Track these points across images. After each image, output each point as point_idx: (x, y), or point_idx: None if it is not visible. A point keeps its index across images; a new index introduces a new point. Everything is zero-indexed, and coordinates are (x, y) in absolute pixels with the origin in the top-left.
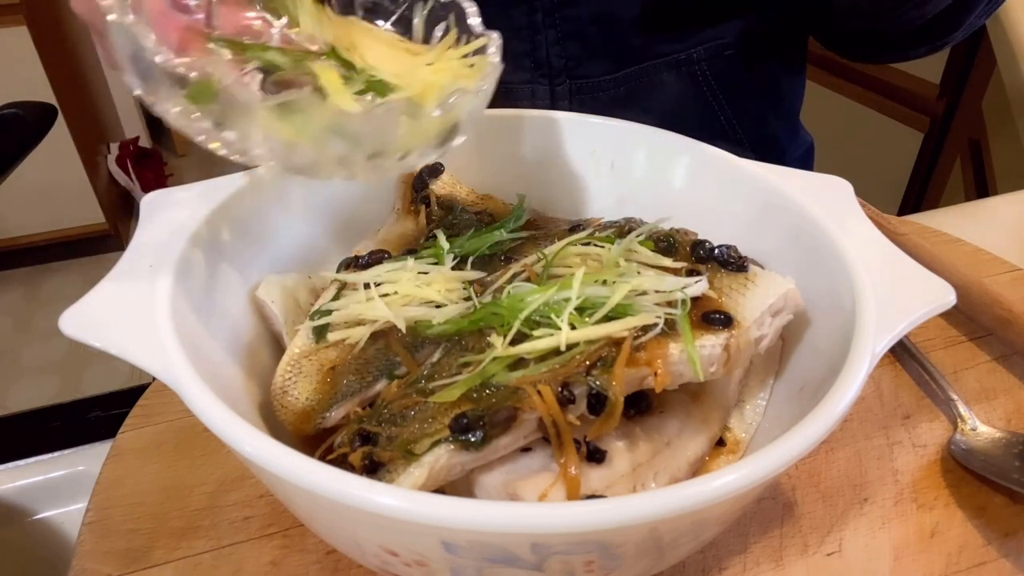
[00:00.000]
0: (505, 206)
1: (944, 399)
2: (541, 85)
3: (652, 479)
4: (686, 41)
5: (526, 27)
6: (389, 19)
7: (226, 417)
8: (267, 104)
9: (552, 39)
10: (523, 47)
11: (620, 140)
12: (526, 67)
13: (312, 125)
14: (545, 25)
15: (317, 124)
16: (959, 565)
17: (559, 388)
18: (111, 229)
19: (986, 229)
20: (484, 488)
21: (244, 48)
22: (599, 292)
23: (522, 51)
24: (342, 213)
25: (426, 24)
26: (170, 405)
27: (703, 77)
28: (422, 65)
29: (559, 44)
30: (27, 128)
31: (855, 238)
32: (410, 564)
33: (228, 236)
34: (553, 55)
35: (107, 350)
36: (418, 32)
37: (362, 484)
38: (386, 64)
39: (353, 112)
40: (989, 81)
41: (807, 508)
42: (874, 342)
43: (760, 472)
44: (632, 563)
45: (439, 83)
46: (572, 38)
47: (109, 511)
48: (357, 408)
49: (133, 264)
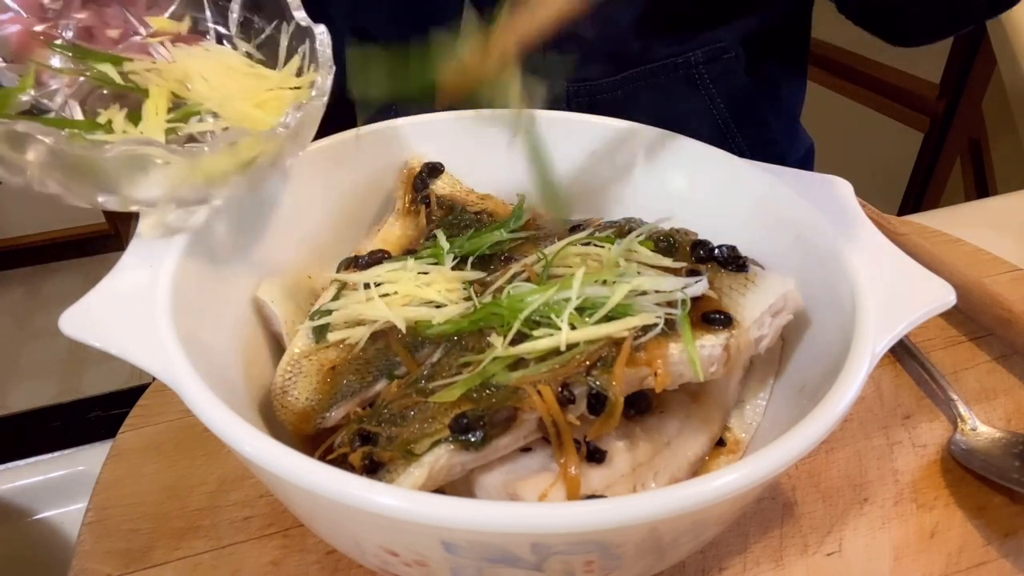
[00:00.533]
0: (505, 206)
1: (944, 399)
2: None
3: (652, 479)
4: (685, 44)
5: None
6: (259, 37)
7: (226, 417)
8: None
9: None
10: None
11: (620, 140)
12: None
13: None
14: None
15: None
16: (959, 565)
17: (559, 388)
18: (111, 229)
19: (986, 229)
20: (484, 488)
21: (83, 55)
22: (599, 292)
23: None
24: (342, 213)
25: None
26: (170, 405)
27: (701, 80)
28: (247, 94)
29: (557, 47)
30: None
31: (855, 238)
32: (410, 564)
33: (228, 236)
34: (551, 58)
35: (107, 350)
36: (281, 56)
37: (362, 484)
38: (213, 94)
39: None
40: (989, 81)
41: (807, 508)
42: (874, 342)
43: (760, 472)
44: (632, 563)
45: (255, 115)
46: (570, 41)
47: (109, 511)
48: (357, 408)
49: (133, 264)
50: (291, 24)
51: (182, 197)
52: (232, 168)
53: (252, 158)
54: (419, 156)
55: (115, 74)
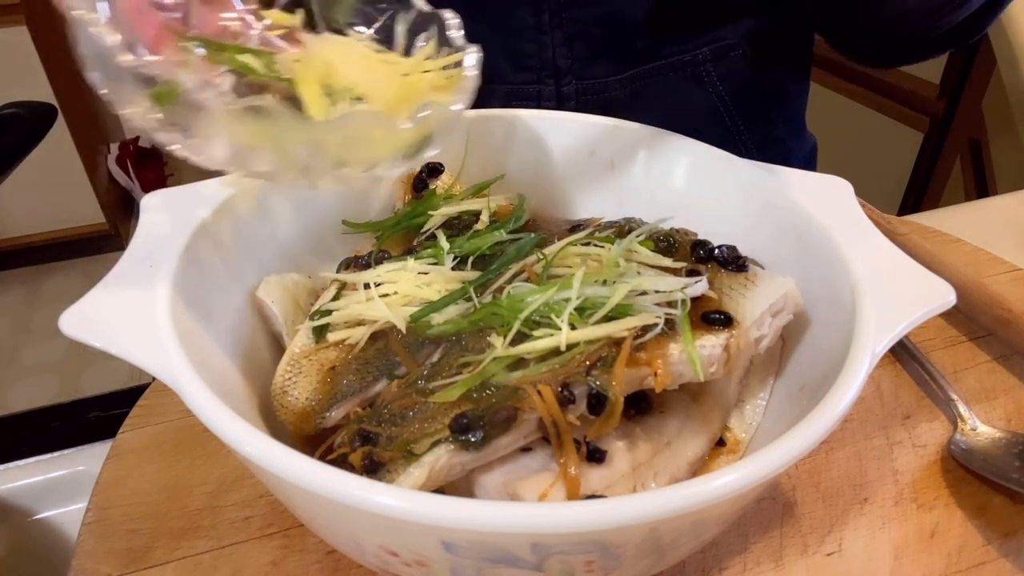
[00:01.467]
0: (505, 206)
1: (944, 399)
2: (547, 86)
3: (652, 479)
4: (692, 42)
5: (533, 28)
6: (372, 26)
7: (226, 417)
8: (228, 107)
9: (559, 40)
10: (529, 48)
11: (620, 140)
12: (532, 68)
13: (275, 131)
14: (552, 26)
15: (280, 130)
16: (959, 565)
17: (559, 388)
18: (111, 229)
19: (986, 229)
20: (484, 488)
21: (219, 48)
22: (599, 292)
23: (528, 52)
24: (342, 213)
25: (408, 34)
26: (170, 405)
27: (708, 78)
28: (396, 76)
29: (565, 45)
30: (27, 128)
31: (855, 238)
32: (410, 564)
33: (228, 236)
34: (559, 56)
35: (107, 350)
36: (400, 41)
37: (362, 484)
38: (359, 76)
39: (319, 121)
40: (989, 81)
41: (807, 508)
42: (874, 342)
43: (760, 472)
44: (632, 563)
45: (410, 96)
46: (578, 39)
47: (109, 511)
48: (357, 408)
49: (133, 264)
50: (411, 11)
51: (375, 173)
52: (417, 140)
53: (430, 133)
54: None
55: (258, 65)
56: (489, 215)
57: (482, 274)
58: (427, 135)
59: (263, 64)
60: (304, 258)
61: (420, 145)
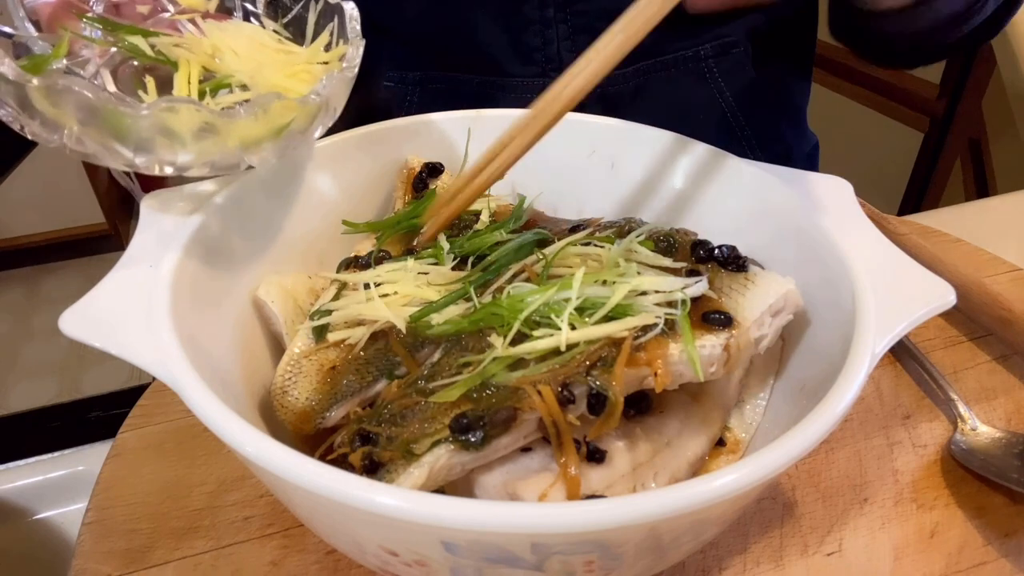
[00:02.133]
0: (505, 206)
1: (944, 399)
2: (551, 79)
3: (652, 479)
4: (694, 39)
5: (537, 22)
6: (286, 16)
7: (226, 417)
8: (36, 84)
9: (563, 34)
10: (534, 42)
11: (620, 140)
12: (537, 61)
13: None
14: (556, 20)
15: (108, 115)
16: (959, 565)
17: (559, 388)
18: (111, 229)
19: (986, 229)
20: (484, 488)
21: (114, 28)
22: (599, 292)
23: (533, 45)
24: (342, 213)
25: (316, 26)
26: (170, 405)
27: (711, 75)
28: (286, 65)
29: (569, 39)
30: None
31: (855, 238)
32: (410, 564)
33: (228, 236)
34: (563, 50)
35: (107, 350)
36: (309, 32)
37: (362, 484)
38: (245, 64)
39: (130, 109)
40: (989, 81)
41: (807, 508)
42: (874, 342)
43: (760, 472)
44: (632, 563)
45: (286, 86)
46: (582, 33)
47: (109, 511)
48: (357, 408)
49: (133, 264)
50: (319, 2)
51: (215, 162)
52: (266, 134)
53: (285, 125)
54: (419, 156)
55: (146, 47)
56: (489, 215)
57: (482, 274)
58: (276, 128)
59: (151, 47)
60: (304, 258)
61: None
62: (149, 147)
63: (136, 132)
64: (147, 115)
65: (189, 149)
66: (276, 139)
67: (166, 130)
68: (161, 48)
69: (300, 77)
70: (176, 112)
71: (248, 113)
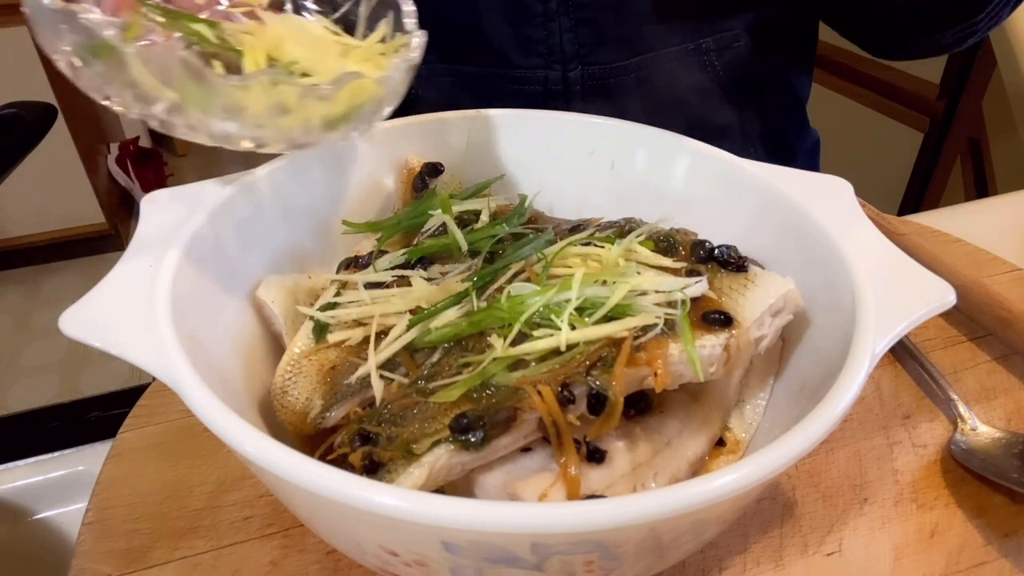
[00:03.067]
0: (505, 206)
1: (944, 399)
2: (554, 71)
3: (652, 479)
4: (696, 31)
5: (540, 14)
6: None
7: (226, 417)
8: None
9: (565, 26)
10: (537, 34)
11: (620, 140)
12: (540, 53)
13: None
14: (559, 12)
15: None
16: (959, 565)
17: (559, 388)
18: (111, 229)
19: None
20: (484, 488)
21: (175, 17)
22: (599, 292)
23: (536, 37)
24: (342, 213)
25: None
26: (170, 405)
27: (712, 67)
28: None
29: (572, 31)
30: (27, 128)
31: (855, 238)
32: (410, 564)
33: (228, 236)
34: (566, 42)
35: (107, 350)
36: (360, 27)
37: (362, 484)
38: (307, 52)
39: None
40: (989, 81)
41: (807, 508)
42: (874, 342)
43: (760, 472)
44: (632, 563)
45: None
46: (585, 25)
47: (109, 511)
48: (357, 408)
49: (133, 264)
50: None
51: (294, 139)
52: (343, 112)
53: (359, 105)
54: (419, 156)
55: (210, 34)
56: (489, 215)
57: (483, 272)
58: (352, 108)
59: (215, 34)
60: (304, 258)
61: (345, 117)
62: (237, 120)
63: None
64: (251, 87)
65: (270, 125)
66: (349, 119)
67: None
68: (225, 36)
69: (362, 65)
70: (276, 85)
71: (337, 87)
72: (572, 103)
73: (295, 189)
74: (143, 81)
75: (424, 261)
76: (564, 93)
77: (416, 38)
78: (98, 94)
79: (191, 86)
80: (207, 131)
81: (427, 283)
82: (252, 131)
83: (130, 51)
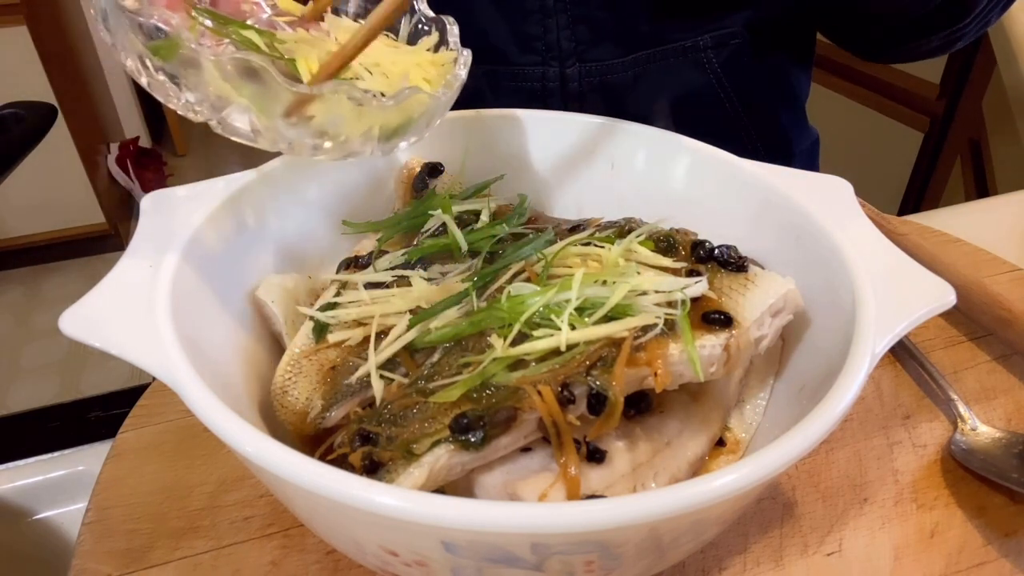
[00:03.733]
0: (505, 206)
1: (944, 399)
2: (552, 67)
3: (652, 479)
4: (694, 29)
5: (538, 11)
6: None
7: (226, 417)
8: (218, 59)
9: (563, 23)
10: (535, 30)
11: (620, 140)
12: (537, 50)
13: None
14: (556, 9)
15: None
16: (959, 565)
17: (559, 388)
18: (111, 229)
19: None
20: (484, 488)
21: (225, 23)
22: (599, 292)
23: (533, 34)
24: (342, 213)
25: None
26: (170, 405)
27: (710, 65)
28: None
29: (569, 28)
30: (27, 128)
31: (855, 238)
32: (410, 564)
33: (228, 236)
34: (563, 38)
35: (107, 350)
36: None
37: (362, 484)
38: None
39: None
40: (989, 81)
41: (807, 508)
42: (874, 342)
43: (760, 472)
44: (632, 563)
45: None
46: (582, 22)
47: (109, 511)
48: (357, 408)
49: (133, 264)
50: (413, 16)
51: (352, 148)
52: (399, 123)
53: (414, 118)
54: (419, 156)
55: (260, 42)
56: (489, 215)
57: (483, 272)
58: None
59: (265, 41)
60: (304, 258)
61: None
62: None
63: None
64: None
65: (332, 133)
66: (401, 132)
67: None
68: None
69: (413, 76)
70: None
71: (399, 101)
72: (570, 100)
73: (295, 189)
74: (213, 83)
75: (424, 261)
76: (562, 90)
77: (463, 56)
78: (161, 94)
79: (257, 90)
80: (271, 137)
81: (427, 283)
82: (313, 139)
83: (204, 53)
